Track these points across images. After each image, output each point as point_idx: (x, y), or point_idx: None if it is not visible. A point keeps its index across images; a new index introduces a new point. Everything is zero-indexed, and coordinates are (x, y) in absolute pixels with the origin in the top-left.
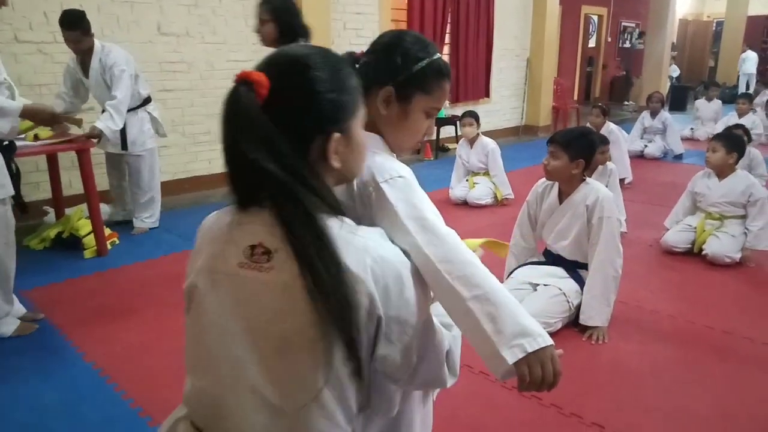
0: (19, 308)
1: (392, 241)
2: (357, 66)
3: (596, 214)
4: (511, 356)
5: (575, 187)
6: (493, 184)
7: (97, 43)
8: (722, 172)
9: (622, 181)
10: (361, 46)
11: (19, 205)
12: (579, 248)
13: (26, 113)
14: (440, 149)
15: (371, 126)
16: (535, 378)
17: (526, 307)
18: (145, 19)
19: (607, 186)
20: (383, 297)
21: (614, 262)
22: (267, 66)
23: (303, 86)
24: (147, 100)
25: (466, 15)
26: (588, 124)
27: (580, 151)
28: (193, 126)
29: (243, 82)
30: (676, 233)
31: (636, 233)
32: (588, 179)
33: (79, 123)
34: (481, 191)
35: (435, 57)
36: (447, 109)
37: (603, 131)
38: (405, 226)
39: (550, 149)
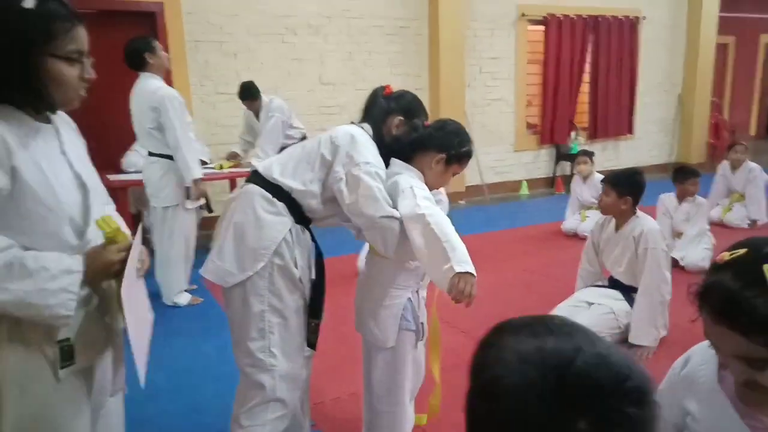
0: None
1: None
2: (421, 128)
3: (642, 245)
4: (459, 268)
5: (626, 220)
6: None
7: (265, 97)
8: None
9: (754, 222)
10: (496, 87)
11: (208, 207)
12: (632, 275)
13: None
14: None
15: (419, 167)
16: (461, 289)
17: (580, 321)
18: (310, 71)
19: (690, 216)
20: None
21: (660, 288)
22: None
23: None
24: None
25: (607, 50)
26: (727, 161)
27: (626, 189)
28: None
29: None
30: None
31: None
32: (639, 213)
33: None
34: (591, 224)
35: (471, 147)
36: (581, 145)
37: (742, 168)
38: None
39: (603, 188)
